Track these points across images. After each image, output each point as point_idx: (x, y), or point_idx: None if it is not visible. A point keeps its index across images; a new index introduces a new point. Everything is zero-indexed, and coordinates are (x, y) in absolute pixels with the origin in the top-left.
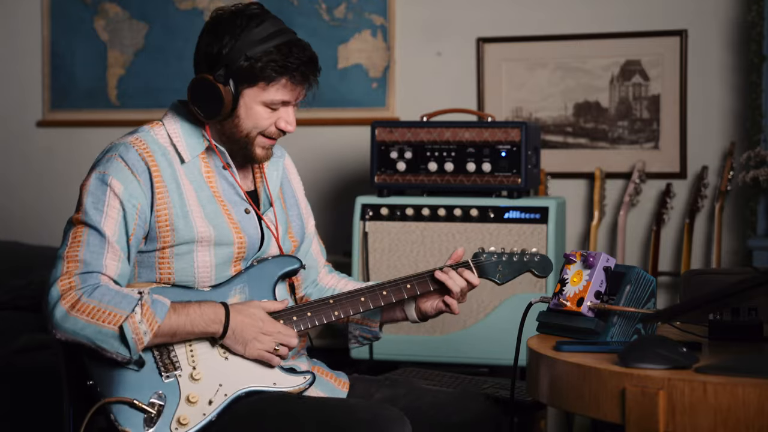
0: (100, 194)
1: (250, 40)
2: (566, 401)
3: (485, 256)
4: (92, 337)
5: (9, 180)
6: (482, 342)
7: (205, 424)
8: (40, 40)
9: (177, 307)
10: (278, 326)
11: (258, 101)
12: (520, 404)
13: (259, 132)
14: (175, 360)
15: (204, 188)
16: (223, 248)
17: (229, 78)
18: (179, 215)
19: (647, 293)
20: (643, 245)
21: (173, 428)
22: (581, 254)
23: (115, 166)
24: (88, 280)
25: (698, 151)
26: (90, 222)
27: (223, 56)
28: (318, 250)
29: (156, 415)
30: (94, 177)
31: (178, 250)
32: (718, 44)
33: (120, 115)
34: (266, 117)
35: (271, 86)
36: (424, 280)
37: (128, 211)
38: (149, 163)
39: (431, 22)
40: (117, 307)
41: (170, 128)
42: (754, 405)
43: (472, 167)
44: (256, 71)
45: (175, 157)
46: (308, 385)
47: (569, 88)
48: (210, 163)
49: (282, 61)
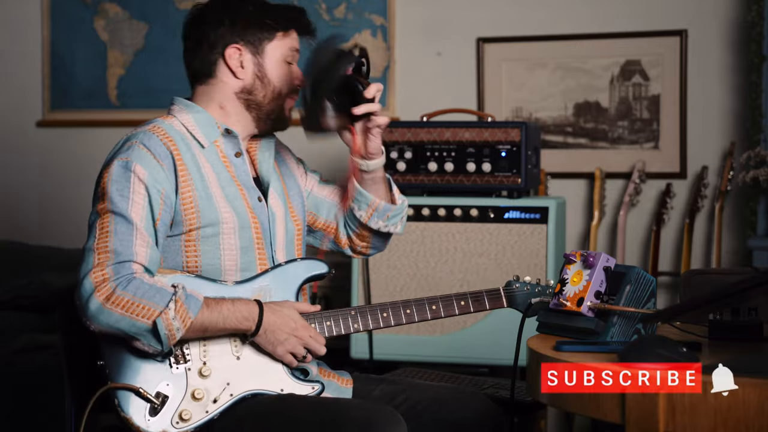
0: (125, 181)
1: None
2: (566, 401)
3: (518, 286)
4: (126, 330)
5: (9, 180)
6: (482, 342)
7: (206, 421)
8: (40, 40)
9: (210, 303)
10: (311, 331)
11: (277, 55)
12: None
13: (288, 89)
14: (187, 353)
15: (223, 172)
16: (245, 231)
17: (247, 42)
18: (203, 197)
19: (647, 293)
20: (643, 245)
21: (174, 422)
22: (581, 254)
23: (137, 153)
24: (121, 271)
25: (698, 151)
26: (117, 210)
27: (237, 27)
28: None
29: (160, 406)
30: (116, 165)
31: (204, 233)
32: (718, 44)
33: (120, 115)
34: (288, 71)
35: (287, 36)
36: (450, 302)
37: (153, 196)
38: (171, 148)
39: (431, 22)
40: (151, 300)
41: (183, 118)
42: (754, 405)
43: (472, 167)
44: (270, 24)
45: (194, 142)
46: (317, 394)
47: (569, 88)
48: (224, 149)
49: (287, 14)
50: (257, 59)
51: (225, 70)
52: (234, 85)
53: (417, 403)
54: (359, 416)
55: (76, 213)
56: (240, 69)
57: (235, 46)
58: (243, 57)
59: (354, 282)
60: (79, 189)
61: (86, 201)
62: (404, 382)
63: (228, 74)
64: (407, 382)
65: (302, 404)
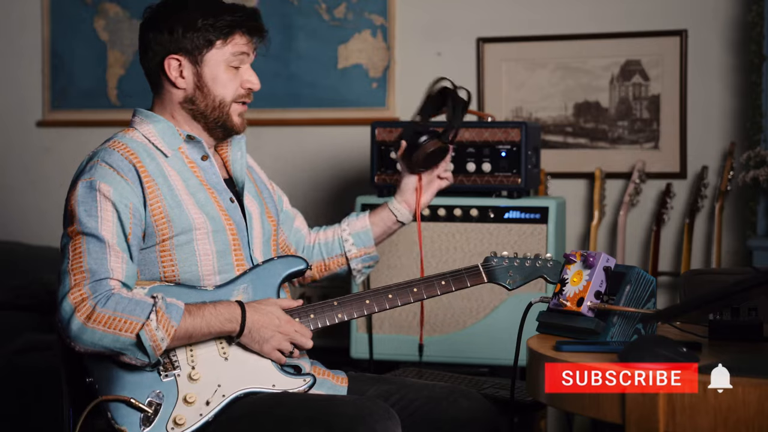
0: (91, 201)
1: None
2: (566, 401)
3: (496, 261)
4: (111, 346)
5: (9, 180)
6: (482, 342)
7: (201, 425)
8: (40, 40)
9: (192, 309)
10: (295, 325)
11: (220, 62)
12: (520, 404)
13: (232, 98)
14: (175, 360)
15: (191, 177)
16: (220, 235)
17: (185, 52)
18: (172, 206)
19: (647, 293)
20: (643, 245)
21: (169, 428)
22: (581, 254)
23: (100, 171)
24: (99, 289)
25: (698, 151)
26: (87, 230)
27: (175, 36)
28: (301, 220)
29: (153, 415)
30: (81, 186)
31: (178, 241)
32: (718, 44)
33: (120, 115)
34: (231, 79)
35: (228, 42)
36: (431, 283)
37: (122, 211)
38: (133, 161)
39: (431, 22)
40: (132, 314)
41: (143, 129)
42: (754, 405)
43: (472, 167)
44: (209, 33)
45: (157, 152)
46: (308, 387)
47: (569, 88)
48: (189, 155)
49: (230, 17)
50: (196, 69)
51: (167, 81)
52: (177, 95)
53: (411, 402)
54: (351, 411)
55: None
56: (180, 79)
57: (174, 56)
58: (183, 67)
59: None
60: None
61: None
62: (399, 381)
63: (170, 84)
64: (402, 381)
65: (294, 401)
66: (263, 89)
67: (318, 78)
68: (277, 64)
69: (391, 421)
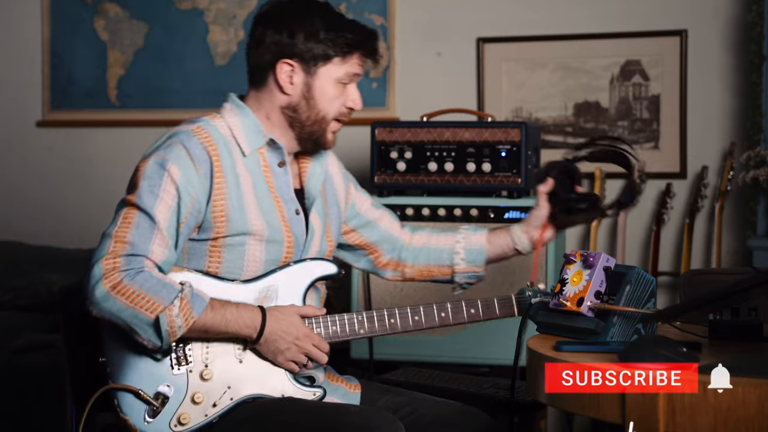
0: (157, 178)
1: (315, 20)
2: (566, 401)
3: (530, 293)
4: (128, 321)
5: (9, 180)
6: (482, 342)
7: (204, 425)
8: (40, 40)
9: (215, 305)
10: (314, 339)
11: (332, 79)
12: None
13: (334, 115)
14: (189, 355)
15: (261, 182)
16: (275, 245)
17: (301, 60)
18: (235, 207)
19: (647, 293)
20: (643, 245)
21: (172, 425)
22: (581, 254)
23: (176, 153)
24: (132, 263)
25: (698, 151)
26: (143, 206)
27: (296, 41)
28: (389, 220)
29: (159, 408)
30: (152, 160)
31: (231, 241)
32: (718, 44)
33: (120, 115)
34: (338, 96)
35: (346, 61)
36: (460, 309)
37: (183, 198)
38: (211, 153)
39: (431, 23)
40: (157, 295)
41: (230, 121)
42: (754, 405)
43: (472, 167)
44: (329, 48)
45: (236, 148)
46: (318, 400)
47: (569, 88)
48: (267, 158)
49: (352, 36)
50: (308, 79)
51: (274, 82)
52: (281, 99)
53: (421, 418)
54: (358, 422)
55: (76, 213)
56: (289, 85)
57: (288, 61)
58: (294, 73)
59: (354, 282)
60: (79, 189)
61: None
62: (410, 395)
63: (276, 87)
64: (413, 395)
65: (301, 409)
66: None
67: None
68: None
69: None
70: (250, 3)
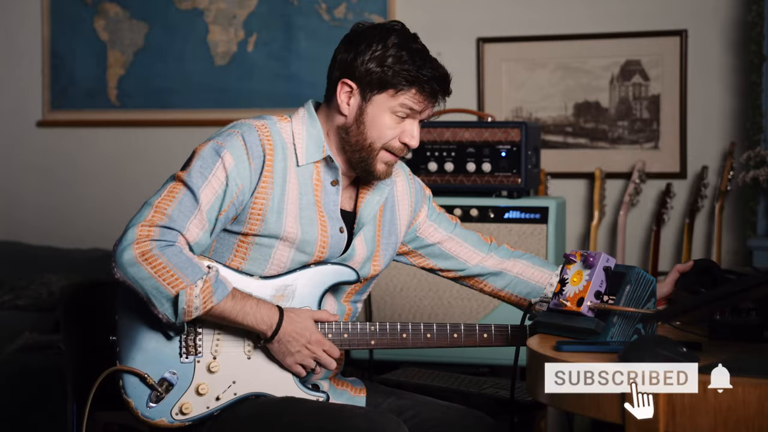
0: (210, 162)
1: (386, 48)
2: (566, 401)
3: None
4: (148, 290)
5: (9, 180)
6: None
7: (205, 416)
8: (40, 40)
9: (237, 294)
10: (325, 345)
11: (385, 108)
12: (520, 404)
13: (383, 145)
14: (199, 345)
15: (309, 194)
16: (303, 255)
17: (360, 83)
18: (274, 209)
19: (647, 293)
20: (643, 245)
21: (173, 413)
22: (581, 254)
23: (233, 142)
24: (166, 235)
25: (698, 151)
26: (190, 184)
27: (358, 62)
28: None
29: (162, 395)
30: (210, 145)
31: (260, 241)
32: (718, 44)
33: (120, 115)
34: (391, 127)
35: (400, 94)
36: (473, 333)
37: (230, 187)
38: (267, 150)
39: (431, 22)
40: (183, 272)
41: (296, 128)
42: (754, 405)
43: (472, 167)
44: (387, 77)
45: (292, 155)
46: None
47: (569, 88)
48: (321, 173)
49: (415, 72)
50: (362, 104)
51: (335, 101)
52: (338, 119)
53: (424, 422)
54: (363, 425)
55: (76, 213)
56: (345, 106)
57: (348, 82)
58: (352, 95)
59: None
60: (79, 189)
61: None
62: (414, 398)
63: (336, 105)
64: (417, 398)
65: (305, 409)
66: (264, 89)
67: (318, 78)
68: (277, 64)
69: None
70: (250, 3)
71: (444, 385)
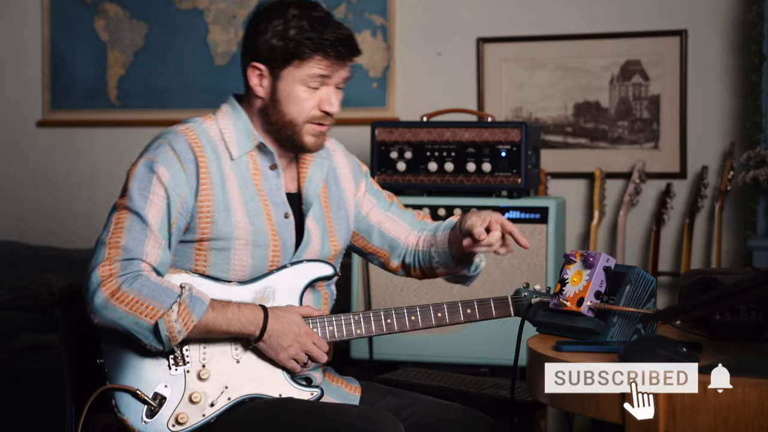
0: (146, 181)
1: (286, 21)
2: (566, 401)
3: (526, 294)
4: (129, 327)
5: (9, 180)
6: (482, 342)
7: (202, 424)
8: (40, 40)
9: (216, 305)
10: (314, 337)
11: (296, 81)
12: (520, 404)
13: (305, 119)
14: (186, 354)
15: (249, 186)
16: (260, 249)
17: (267, 62)
18: (221, 209)
19: (647, 293)
20: (643, 245)
21: (170, 425)
22: (581, 254)
23: (163, 154)
24: (128, 267)
25: (698, 151)
26: (134, 208)
27: (261, 42)
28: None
29: (157, 408)
30: (142, 163)
31: (216, 245)
32: (718, 44)
33: (120, 115)
34: (306, 98)
35: (305, 63)
36: (456, 309)
37: (172, 199)
38: (197, 153)
39: (431, 22)
40: (156, 300)
41: (222, 123)
42: (754, 405)
43: (472, 167)
44: (290, 49)
45: (224, 152)
46: (315, 400)
47: (569, 88)
48: (258, 161)
49: (317, 38)
50: (273, 82)
51: (250, 86)
52: (257, 102)
53: (422, 420)
54: (360, 424)
55: (76, 213)
56: (259, 88)
57: (255, 64)
58: (263, 76)
59: (354, 282)
60: (79, 189)
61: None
62: (411, 396)
63: (251, 90)
64: (414, 396)
65: (301, 410)
66: None
67: None
68: None
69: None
70: (250, 3)
71: (444, 385)
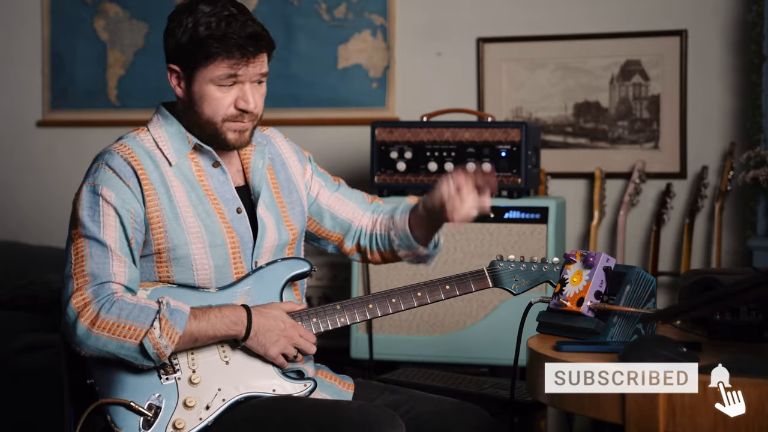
0: (94, 205)
1: (196, 21)
2: (566, 401)
3: (502, 265)
4: (116, 352)
5: (9, 180)
6: (482, 342)
7: (200, 429)
8: (40, 40)
9: (197, 313)
10: (300, 329)
11: (207, 81)
12: (520, 404)
13: (222, 117)
14: (176, 363)
15: (195, 188)
16: (218, 249)
17: (180, 63)
18: (170, 217)
19: (647, 293)
20: (643, 245)
21: None
22: (581, 254)
23: (103, 175)
24: (100, 293)
25: (698, 151)
26: (89, 234)
27: (172, 44)
28: (347, 210)
29: (152, 418)
30: (85, 190)
31: (175, 254)
32: (718, 44)
33: (120, 115)
34: (219, 98)
35: (211, 63)
36: (435, 287)
37: (123, 216)
38: (135, 166)
39: (431, 22)
40: (136, 320)
41: (155, 133)
42: (754, 405)
43: (472, 167)
44: (196, 50)
45: (163, 159)
46: (309, 392)
47: (569, 88)
48: (200, 162)
49: (220, 37)
50: (189, 83)
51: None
52: (180, 104)
53: (418, 416)
54: (358, 418)
55: None
56: (179, 90)
57: (172, 66)
58: (180, 78)
59: (354, 282)
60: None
61: None
62: (407, 392)
63: (175, 93)
64: (411, 393)
65: (299, 406)
66: None
67: (318, 78)
68: (277, 64)
69: (398, 430)
70: (250, 3)
71: (444, 385)
